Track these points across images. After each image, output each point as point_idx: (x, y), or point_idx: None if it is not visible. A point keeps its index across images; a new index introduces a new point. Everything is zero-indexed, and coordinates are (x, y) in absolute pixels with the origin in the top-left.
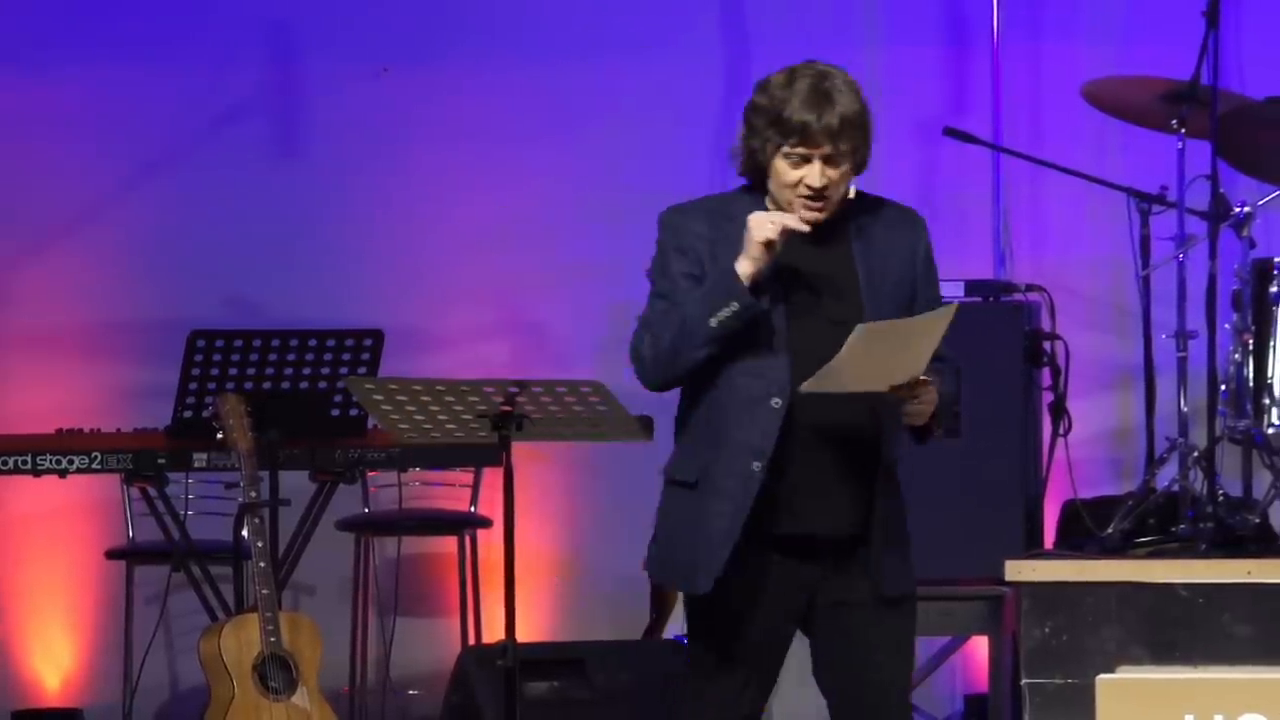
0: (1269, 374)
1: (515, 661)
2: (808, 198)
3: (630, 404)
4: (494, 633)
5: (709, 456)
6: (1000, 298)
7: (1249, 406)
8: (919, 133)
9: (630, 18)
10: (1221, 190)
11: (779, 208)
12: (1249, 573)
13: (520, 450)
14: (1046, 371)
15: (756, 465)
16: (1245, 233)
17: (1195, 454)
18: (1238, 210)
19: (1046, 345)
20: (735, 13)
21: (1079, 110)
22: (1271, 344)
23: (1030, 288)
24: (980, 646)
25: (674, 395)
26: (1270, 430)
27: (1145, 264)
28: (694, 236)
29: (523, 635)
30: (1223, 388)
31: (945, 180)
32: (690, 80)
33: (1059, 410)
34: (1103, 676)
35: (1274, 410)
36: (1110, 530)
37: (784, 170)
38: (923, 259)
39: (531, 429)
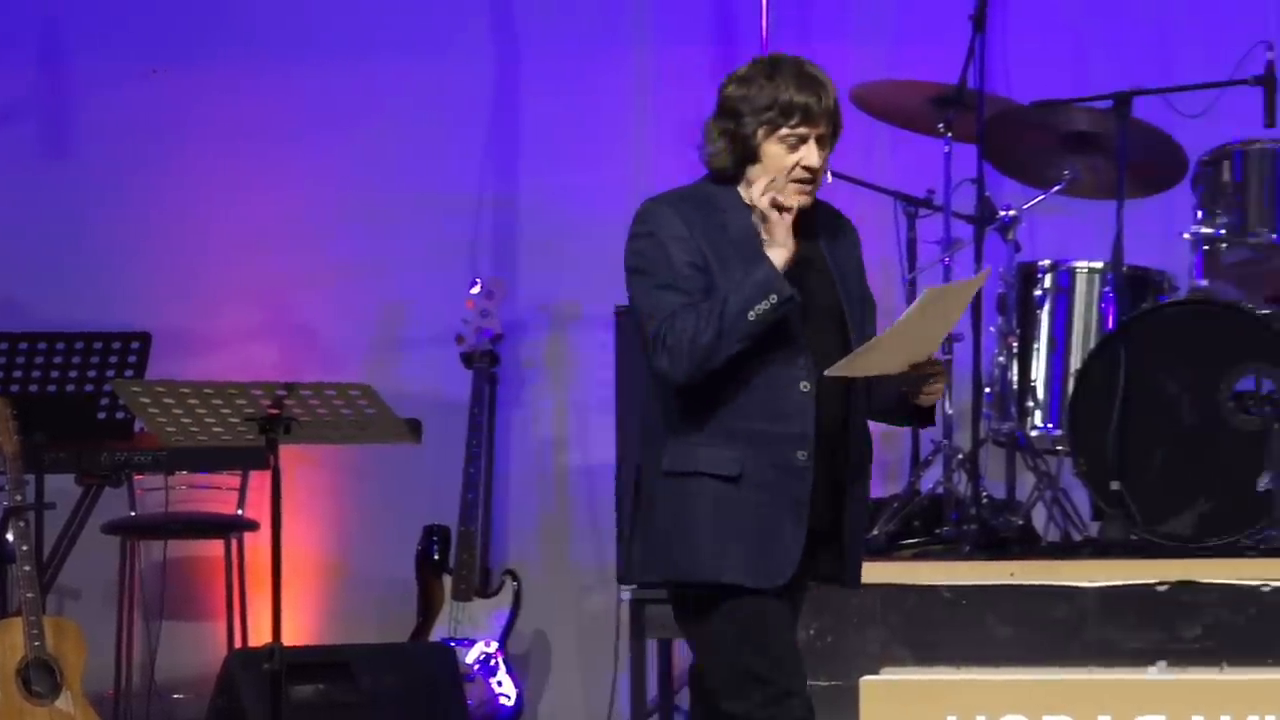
0: (1033, 377)
1: (281, 665)
2: (802, 180)
3: (399, 406)
4: (260, 636)
5: (740, 449)
6: None
7: (1013, 409)
8: (687, 134)
9: (400, 18)
10: (987, 194)
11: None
12: (1012, 574)
13: (288, 453)
14: None
15: (801, 455)
16: (1011, 236)
17: (960, 456)
18: (1003, 214)
19: None
20: (504, 13)
21: (847, 113)
22: (1036, 347)
23: None
24: None
25: (451, 396)
26: (1034, 433)
27: (912, 267)
28: (687, 224)
29: (289, 638)
30: (987, 390)
31: None
32: (460, 80)
33: None
34: (867, 678)
35: (1038, 413)
36: (875, 532)
37: (779, 154)
38: (860, 252)
39: (299, 431)
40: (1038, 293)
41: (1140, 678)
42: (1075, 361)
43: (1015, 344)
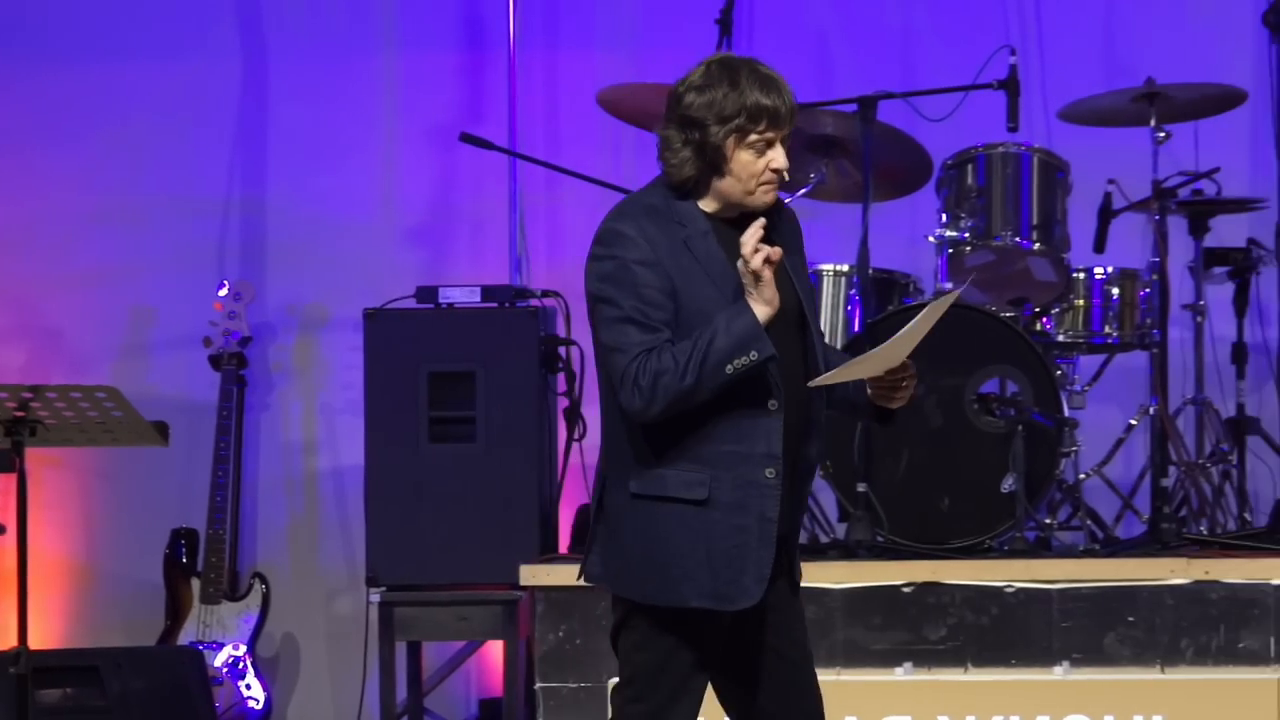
0: None
1: (28, 668)
2: (769, 183)
3: (147, 409)
4: (6, 639)
5: (708, 471)
6: (516, 303)
7: None
8: (436, 138)
9: (146, 21)
10: None
11: (722, 207)
12: None
13: (34, 455)
14: (562, 377)
15: (769, 472)
16: None
17: None
18: None
19: (562, 350)
20: (252, 16)
21: (595, 116)
22: None
23: (546, 293)
24: (495, 651)
25: (200, 399)
26: None
27: None
28: (651, 245)
29: (35, 641)
30: None
31: (462, 186)
32: (208, 83)
33: (574, 415)
34: (616, 680)
35: None
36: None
37: (748, 160)
38: (803, 241)
39: (46, 435)
40: None
41: (887, 678)
42: None
43: None
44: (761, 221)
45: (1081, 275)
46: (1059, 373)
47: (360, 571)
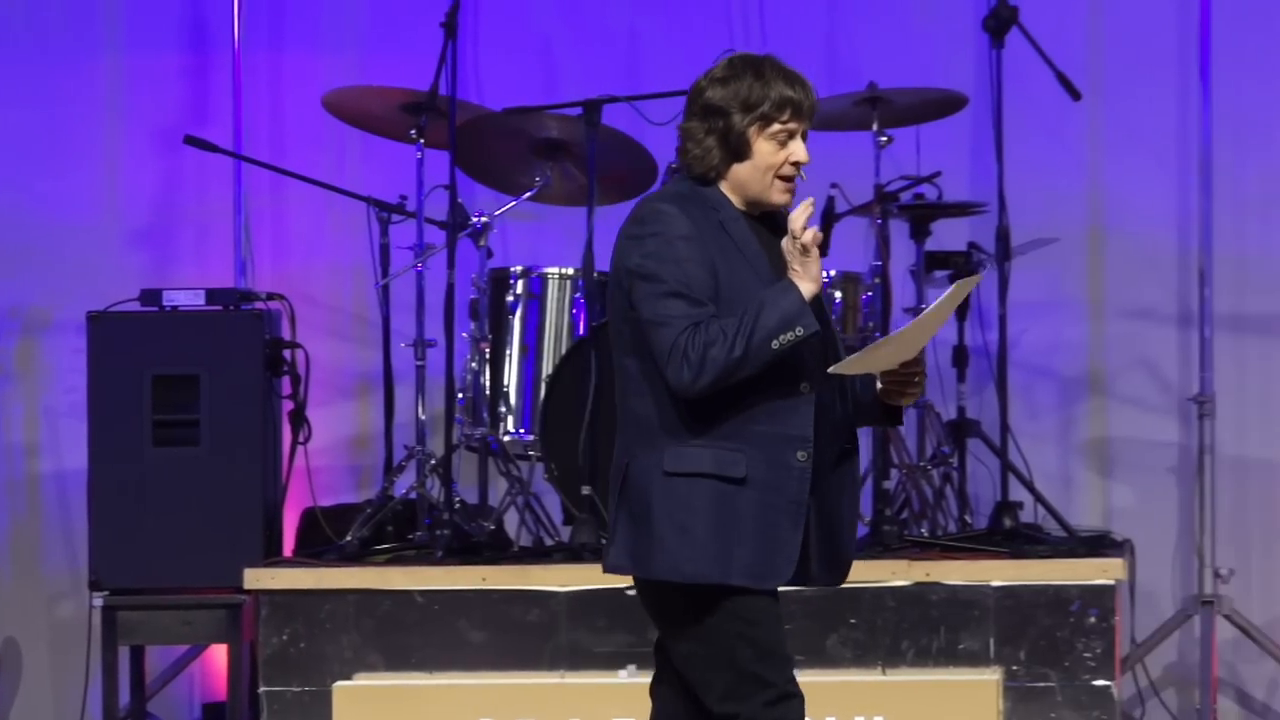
0: (505, 382)
1: None
2: (787, 177)
3: None
4: None
5: (744, 450)
6: (240, 306)
7: (486, 415)
8: (160, 140)
9: None
10: (460, 200)
11: (746, 200)
12: (484, 579)
13: None
14: (286, 380)
15: (801, 455)
16: (483, 242)
17: (433, 461)
18: (475, 220)
19: (286, 354)
20: None
21: (320, 119)
22: (508, 353)
23: (271, 296)
24: (220, 655)
25: None
26: (506, 438)
27: (385, 273)
28: (692, 223)
29: None
30: (460, 396)
31: (187, 188)
32: None
33: (298, 418)
34: (340, 684)
35: (510, 418)
36: (349, 538)
37: (769, 151)
38: None
39: None
40: (510, 298)
41: (611, 681)
42: (547, 367)
43: (488, 350)
44: (811, 200)
45: None
46: None
47: (83, 575)
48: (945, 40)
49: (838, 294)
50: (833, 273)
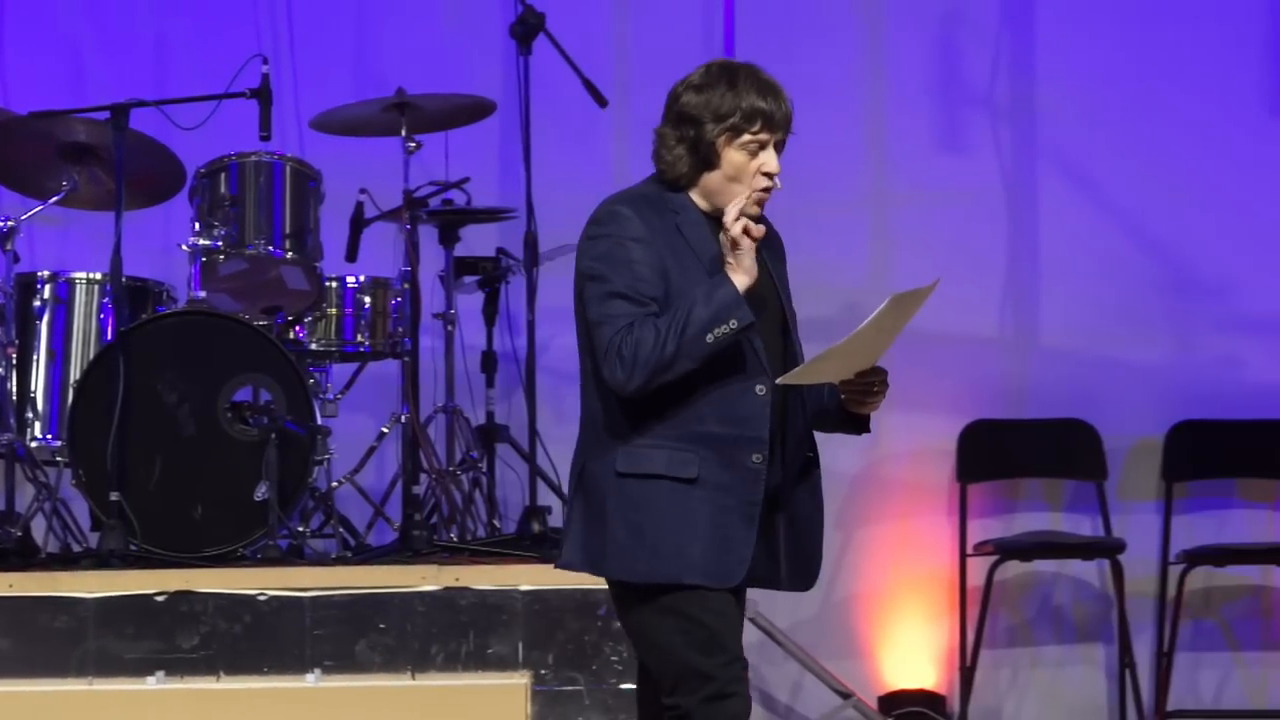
0: (32, 388)
1: None
2: (759, 187)
3: None
4: None
5: (699, 451)
6: None
7: (13, 420)
8: None
9: None
10: None
11: (715, 206)
12: (10, 586)
13: None
14: None
15: (756, 458)
16: (9, 247)
17: None
18: (1, 224)
19: None
20: None
21: None
22: (35, 358)
23: None
24: None
25: None
26: (33, 444)
27: None
28: (648, 226)
29: None
30: None
31: None
32: None
33: None
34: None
35: (37, 424)
36: None
37: (740, 160)
38: (785, 264)
39: None
40: (37, 303)
41: (139, 688)
42: (75, 372)
43: (14, 355)
44: (746, 194)
45: (334, 284)
46: (312, 381)
47: None
48: (474, 47)
49: (367, 300)
50: (362, 278)
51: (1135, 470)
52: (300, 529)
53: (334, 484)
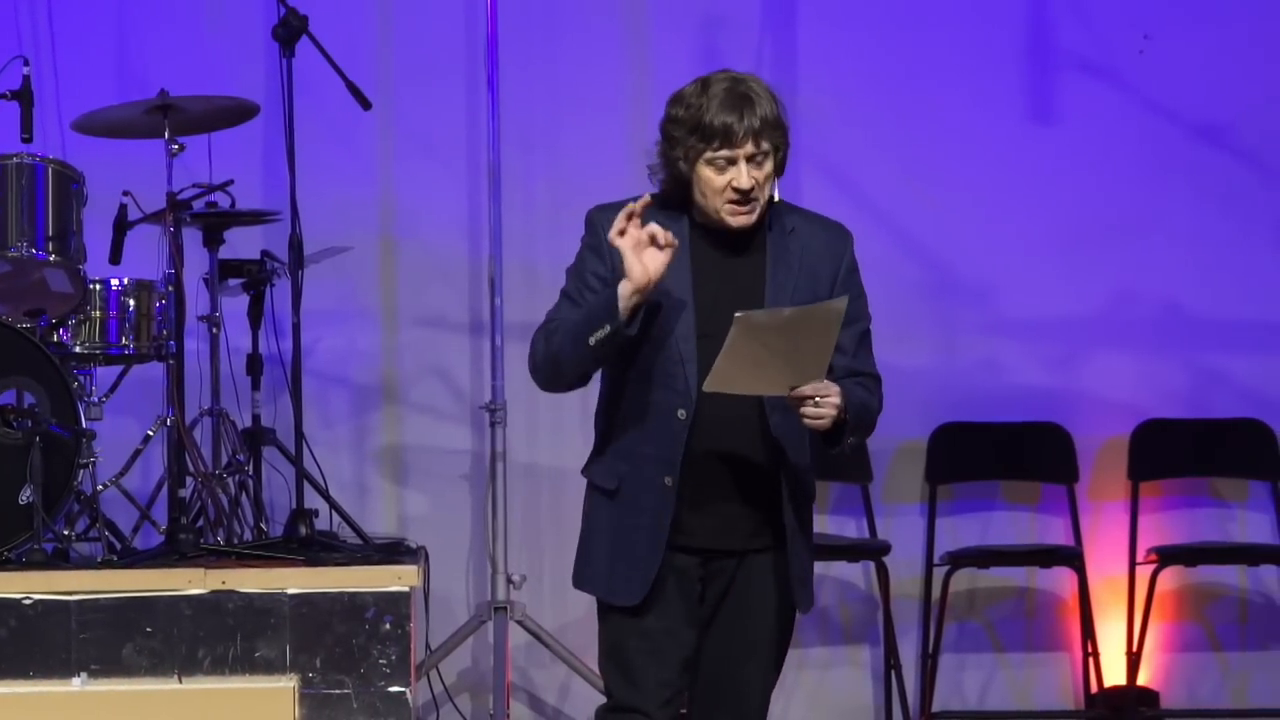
0: None
1: None
2: (736, 201)
3: None
4: None
5: (624, 466)
6: None
7: None
8: None
9: None
10: None
11: (706, 219)
12: None
13: None
14: None
15: (668, 480)
16: None
17: None
18: None
19: None
20: None
21: None
22: None
23: None
24: None
25: None
26: None
27: None
28: (606, 233)
29: None
30: None
31: None
32: None
33: None
34: None
35: None
36: None
37: (710, 177)
38: (844, 275)
39: None
40: None
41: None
42: None
43: None
44: (646, 199)
45: (98, 287)
46: (76, 384)
47: None
48: (237, 48)
49: (131, 302)
50: (126, 281)
51: (900, 472)
52: (65, 532)
53: (99, 487)
